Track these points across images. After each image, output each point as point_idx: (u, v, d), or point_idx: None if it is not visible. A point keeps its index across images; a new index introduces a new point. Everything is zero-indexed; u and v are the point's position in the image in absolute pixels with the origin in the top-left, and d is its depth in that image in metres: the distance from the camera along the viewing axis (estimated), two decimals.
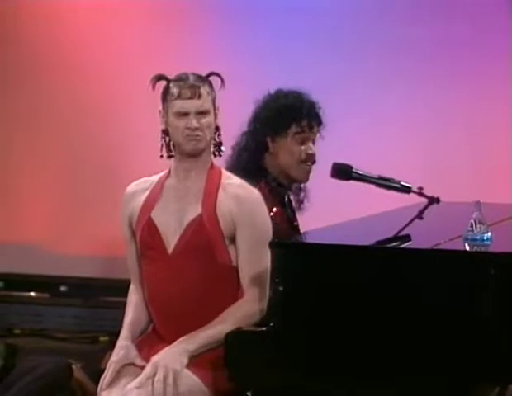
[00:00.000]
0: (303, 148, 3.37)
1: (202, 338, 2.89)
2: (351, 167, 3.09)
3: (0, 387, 4.53)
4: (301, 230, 3.48)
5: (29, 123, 5.77)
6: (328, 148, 3.39)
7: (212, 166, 2.98)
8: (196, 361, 2.87)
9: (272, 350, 2.76)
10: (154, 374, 2.82)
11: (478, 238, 2.74)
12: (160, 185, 3.01)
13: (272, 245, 2.87)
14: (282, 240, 3.10)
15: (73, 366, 4.38)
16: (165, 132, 2.97)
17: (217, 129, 2.98)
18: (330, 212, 3.48)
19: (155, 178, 3.04)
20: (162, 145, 2.98)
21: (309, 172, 3.39)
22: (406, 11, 5.44)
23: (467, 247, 2.74)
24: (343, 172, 3.10)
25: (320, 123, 3.39)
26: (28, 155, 5.75)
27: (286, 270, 2.79)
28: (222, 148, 3.02)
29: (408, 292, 2.66)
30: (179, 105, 2.91)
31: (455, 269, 2.65)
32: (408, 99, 5.42)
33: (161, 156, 2.99)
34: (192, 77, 2.94)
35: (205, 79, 2.96)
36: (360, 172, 3.09)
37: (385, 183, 3.05)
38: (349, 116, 5.21)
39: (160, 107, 2.98)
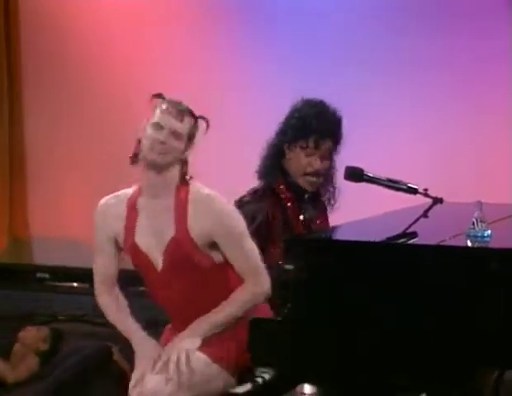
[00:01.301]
0: (308, 161, 3.33)
1: (211, 322, 2.91)
2: (362, 170, 3.07)
3: (47, 367, 4.57)
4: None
5: (71, 122, 5.79)
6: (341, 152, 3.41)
7: (180, 184, 2.91)
8: (204, 341, 2.91)
9: (292, 338, 2.76)
10: (169, 358, 2.86)
11: (479, 234, 2.73)
12: (133, 204, 2.96)
13: (288, 241, 2.90)
14: (298, 236, 3.16)
15: (113, 349, 4.41)
16: (139, 142, 2.93)
17: (185, 162, 2.92)
18: (344, 211, 3.47)
19: (127, 193, 2.99)
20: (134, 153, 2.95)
21: (313, 183, 3.37)
22: (413, 23, 5.39)
23: (469, 243, 2.73)
24: (355, 174, 3.08)
25: (333, 142, 3.34)
26: (71, 154, 5.78)
27: (302, 264, 2.77)
28: (187, 178, 2.94)
29: (415, 284, 2.65)
30: (161, 117, 2.88)
31: (458, 263, 2.64)
32: (415, 107, 5.37)
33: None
34: (184, 105, 2.92)
35: (193, 114, 2.92)
36: (370, 175, 3.07)
37: (393, 185, 3.03)
38: (362, 122, 5.19)
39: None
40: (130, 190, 2.99)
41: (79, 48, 5.86)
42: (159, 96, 2.94)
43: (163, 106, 2.90)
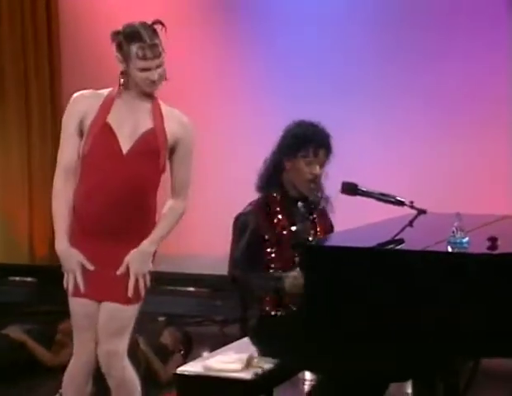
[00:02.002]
0: (309, 169, 3.40)
1: (156, 239, 3.20)
2: (356, 185, 3.18)
3: None
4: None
5: None
6: (341, 168, 3.46)
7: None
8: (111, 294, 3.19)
9: (294, 332, 2.89)
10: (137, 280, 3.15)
11: (458, 241, 2.85)
12: (112, 97, 3.17)
13: (295, 246, 3.12)
14: (302, 242, 3.28)
15: (139, 339, 4.53)
16: (123, 73, 3.14)
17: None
18: (341, 220, 3.54)
19: (103, 91, 3.21)
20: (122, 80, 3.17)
21: (313, 189, 3.45)
22: (403, 55, 5.50)
23: (450, 249, 2.85)
24: (350, 189, 3.19)
25: (327, 151, 3.43)
26: None
27: (306, 266, 2.94)
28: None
29: (403, 284, 2.78)
30: (143, 64, 3.09)
31: (440, 265, 2.79)
32: (409, 130, 5.43)
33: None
34: (147, 35, 3.07)
35: (156, 32, 3.10)
36: (364, 189, 3.18)
37: (383, 198, 3.14)
38: (362, 142, 5.26)
39: (116, 53, 3.14)
40: (106, 90, 3.22)
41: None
42: (116, 33, 3.10)
43: (140, 53, 3.07)
